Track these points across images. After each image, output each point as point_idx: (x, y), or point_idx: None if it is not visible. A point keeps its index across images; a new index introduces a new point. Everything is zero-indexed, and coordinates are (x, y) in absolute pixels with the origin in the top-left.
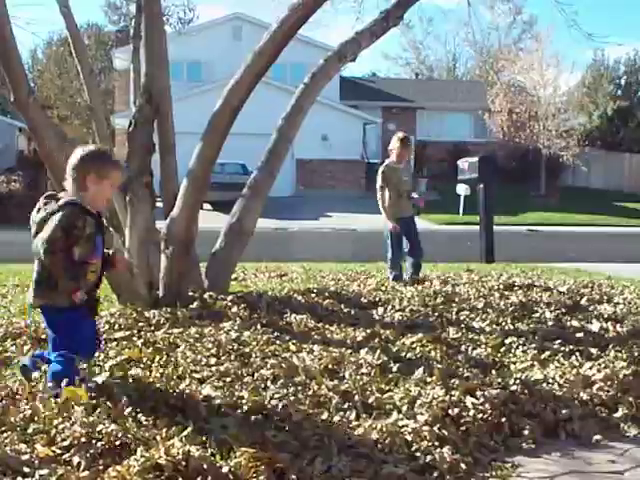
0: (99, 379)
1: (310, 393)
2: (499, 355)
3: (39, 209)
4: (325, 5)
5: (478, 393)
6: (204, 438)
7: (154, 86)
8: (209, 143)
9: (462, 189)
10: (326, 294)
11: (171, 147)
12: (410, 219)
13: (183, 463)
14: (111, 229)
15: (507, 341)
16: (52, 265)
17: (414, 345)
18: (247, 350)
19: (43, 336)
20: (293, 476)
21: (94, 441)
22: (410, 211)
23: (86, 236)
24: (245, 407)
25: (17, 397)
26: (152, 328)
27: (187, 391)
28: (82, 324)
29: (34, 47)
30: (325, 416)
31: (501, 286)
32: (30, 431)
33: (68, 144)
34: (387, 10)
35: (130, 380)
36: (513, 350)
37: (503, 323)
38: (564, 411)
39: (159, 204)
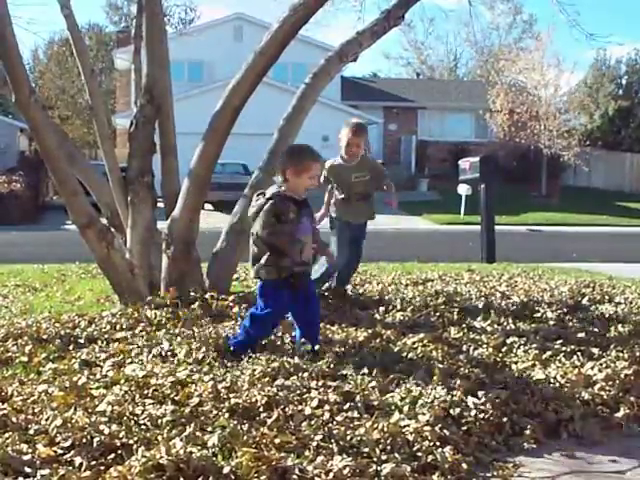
0: None
1: (312, 394)
2: (500, 355)
3: (252, 206)
4: (326, 5)
5: (480, 393)
6: (205, 438)
7: (155, 86)
8: (210, 143)
9: (463, 189)
10: (326, 294)
11: (172, 147)
12: (361, 227)
13: (184, 463)
14: (112, 229)
15: (508, 341)
16: (269, 245)
17: (415, 345)
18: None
19: (44, 336)
20: (294, 476)
21: (95, 441)
22: (363, 218)
23: (291, 219)
24: (246, 406)
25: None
26: (153, 328)
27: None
28: (281, 293)
29: (35, 47)
30: (326, 416)
31: (502, 286)
32: (31, 432)
33: (69, 144)
34: (388, 10)
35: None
36: (514, 350)
37: (504, 323)
38: (566, 411)
39: (160, 204)
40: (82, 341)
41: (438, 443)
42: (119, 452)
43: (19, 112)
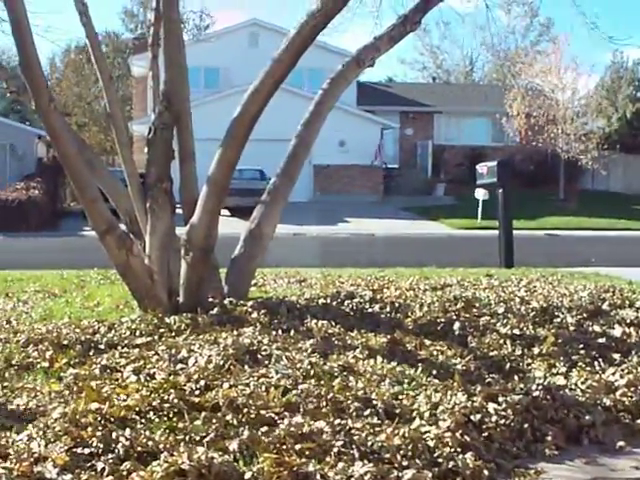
0: None
1: (330, 398)
2: (520, 361)
3: None
4: (342, 10)
5: (500, 399)
6: (226, 443)
7: (173, 93)
8: (229, 149)
9: (481, 194)
10: (345, 300)
11: (191, 153)
12: None
13: (206, 468)
14: (131, 235)
15: (529, 346)
16: None
17: (434, 351)
18: (264, 355)
19: (65, 342)
20: None
21: (117, 446)
22: None
23: None
24: (267, 412)
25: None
26: (173, 334)
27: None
28: None
29: (52, 55)
30: (347, 422)
31: (521, 290)
32: (50, 436)
33: (88, 151)
34: (405, 15)
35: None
36: (534, 355)
37: (524, 328)
38: (587, 417)
39: (179, 210)
40: (102, 347)
41: (459, 449)
42: (141, 457)
43: (39, 119)
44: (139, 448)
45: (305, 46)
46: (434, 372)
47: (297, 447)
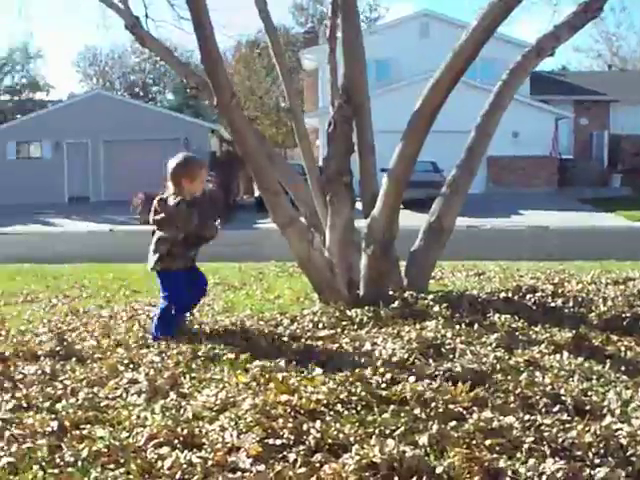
0: None
1: (518, 393)
2: None
3: None
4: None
5: None
6: (416, 437)
7: (352, 86)
8: (410, 142)
9: None
10: (527, 294)
11: (370, 147)
12: None
13: (397, 462)
14: (312, 228)
15: None
16: None
17: (621, 346)
18: (448, 349)
19: (249, 334)
20: (507, 478)
21: (308, 438)
22: None
23: None
24: (455, 406)
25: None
26: (355, 327)
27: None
28: None
29: (224, 50)
30: (537, 418)
31: None
32: (242, 426)
33: (268, 145)
34: (586, 2)
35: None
36: None
37: None
38: None
39: (358, 204)
40: (286, 339)
41: None
42: (332, 449)
43: (220, 115)
44: (329, 440)
45: (486, 37)
46: (622, 368)
47: (487, 442)
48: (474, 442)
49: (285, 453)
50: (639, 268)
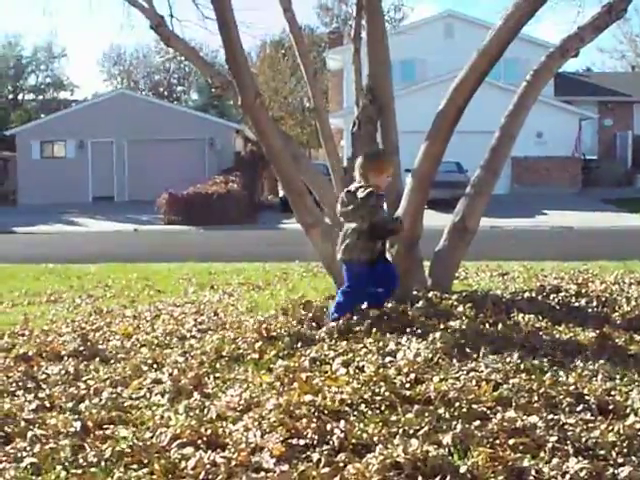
0: None
1: (542, 392)
2: None
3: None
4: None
5: None
6: (440, 437)
7: (377, 86)
8: (435, 142)
9: None
10: (551, 294)
11: (395, 147)
12: None
13: (421, 462)
14: (336, 229)
15: None
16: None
17: None
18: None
19: (273, 333)
20: (531, 478)
21: (332, 438)
22: None
23: None
24: (478, 406)
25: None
26: (381, 327)
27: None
28: None
29: (249, 50)
30: (560, 417)
31: None
32: (265, 426)
33: (293, 145)
34: (610, 3)
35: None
36: None
37: None
38: None
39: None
40: (309, 339)
41: None
42: (355, 449)
43: (245, 114)
44: (353, 440)
45: (511, 37)
46: None
47: (510, 442)
48: (498, 442)
49: (309, 453)
50: None
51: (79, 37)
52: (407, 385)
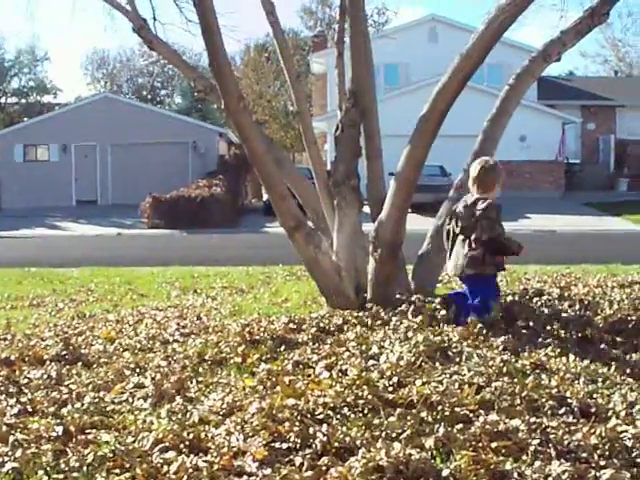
0: None
1: (524, 396)
2: None
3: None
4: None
5: None
6: (422, 440)
7: (360, 90)
8: (417, 146)
9: None
10: (534, 297)
11: (378, 151)
12: None
13: (404, 465)
14: (319, 232)
15: None
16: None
17: (626, 349)
18: (455, 352)
19: (256, 337)
20: None
21: (315, 442)
22: None
23: None
24: (461, 409)
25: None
26: (363, 330)
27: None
28: None
29: (232, 54)
30: (542, 420)
31: None
32: (248, 430)
33: (276, 149)
34: (592, 7)
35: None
36: None
37: None
38: None
39: (365, 208)
40: (293, 343)
41: None
42: (338, 453)
43: (220, 117)
44: (336, 444)
45: (494, 41)
46: (628, 371)
47: (493, 445)
48: (480, 445)
49: (291, 457)
50: None
51: (62, 40)
52: (390, 388)
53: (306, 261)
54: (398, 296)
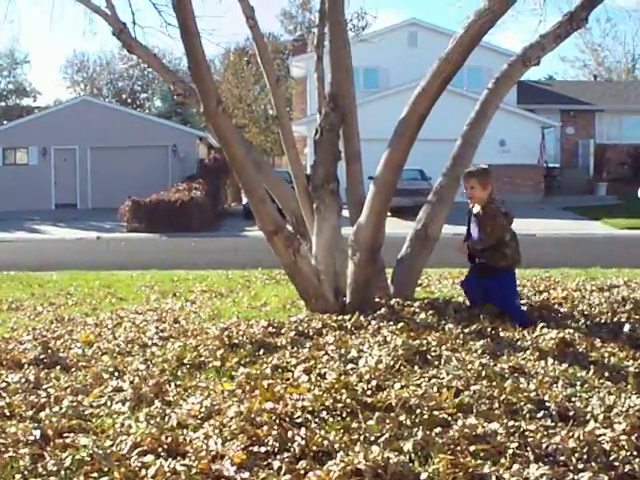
0: None
1: (503, 399)
2: None
3: None
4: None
5: None
6: (401, 444)
7: (339, 94)
8: (396, 149)
9: None
10: None
11: (357, 154)
12: None
13: (382, 468)
14: (298, 236)
15: None
16: None
17: (605, 353)
18: (434, 355)
19: (235, 341)
20: None
21: (293, 445)
22: None
23: None
24: (440, 413)
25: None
26: (342, 334)
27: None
28: None
29: (212, 58)
30: (521, 424)
31: None
32: (226, 434)
33: (255, 153)
34: (571, 12)
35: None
36: None
37: None
38: None
39: (344, 211)
40: (272, 346)
41: (635, 453)
42: (316, 456)
43: (200, 121)
44: (314, 447)
45: (473, 45)
46: (606, 374)
47: (471, 448)
48: (459, 448)
49: (270, 460)
50: (623, 275)
51: (42, 43)
52: (368, 392)
53: (285, 265)
54: (377, 300)
